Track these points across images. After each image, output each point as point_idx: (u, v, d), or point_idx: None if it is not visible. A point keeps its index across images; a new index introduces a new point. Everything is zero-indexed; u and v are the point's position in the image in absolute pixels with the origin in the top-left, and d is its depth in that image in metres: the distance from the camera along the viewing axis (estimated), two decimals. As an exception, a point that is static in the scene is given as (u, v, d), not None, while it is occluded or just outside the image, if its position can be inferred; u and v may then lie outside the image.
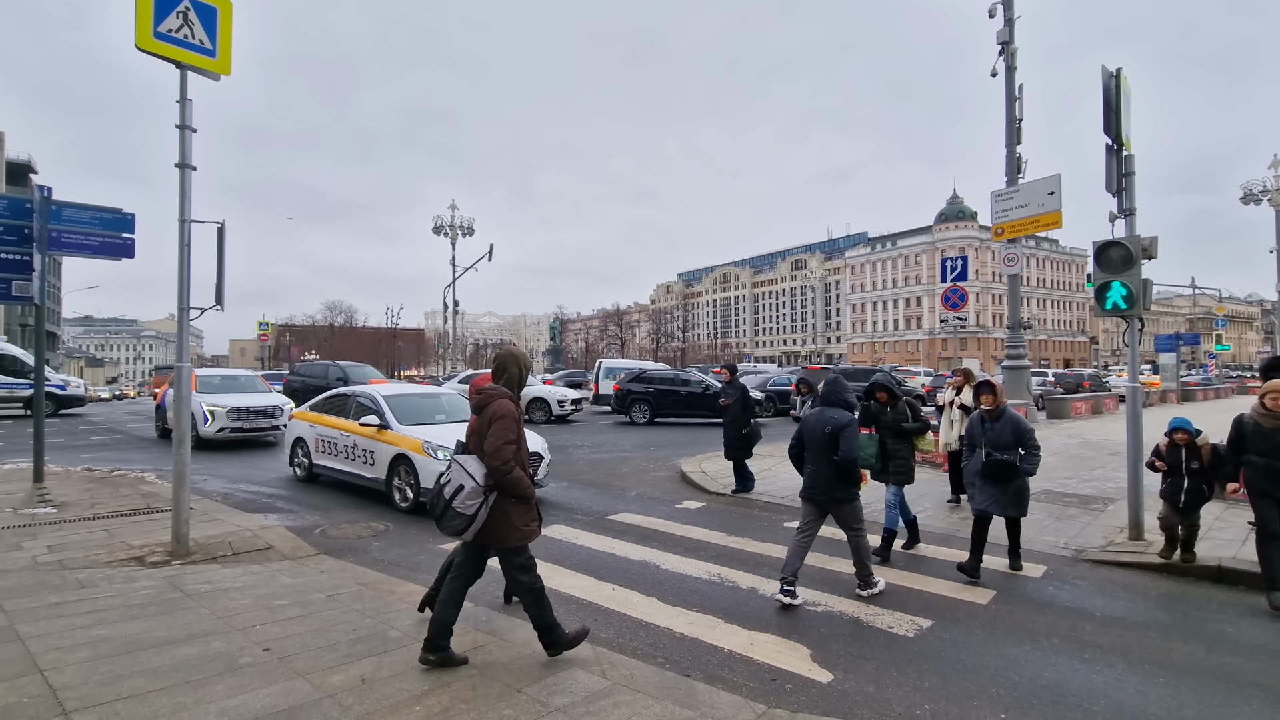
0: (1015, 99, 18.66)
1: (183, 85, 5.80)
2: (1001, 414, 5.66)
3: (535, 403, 20.06)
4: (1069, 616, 4.77)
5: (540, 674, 3.67)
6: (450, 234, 39.65)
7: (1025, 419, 5.76)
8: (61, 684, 3.33)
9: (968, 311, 16.48)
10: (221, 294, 5.89)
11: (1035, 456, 5.55)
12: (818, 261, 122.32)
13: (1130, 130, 6.80)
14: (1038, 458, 5.57)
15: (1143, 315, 6.47)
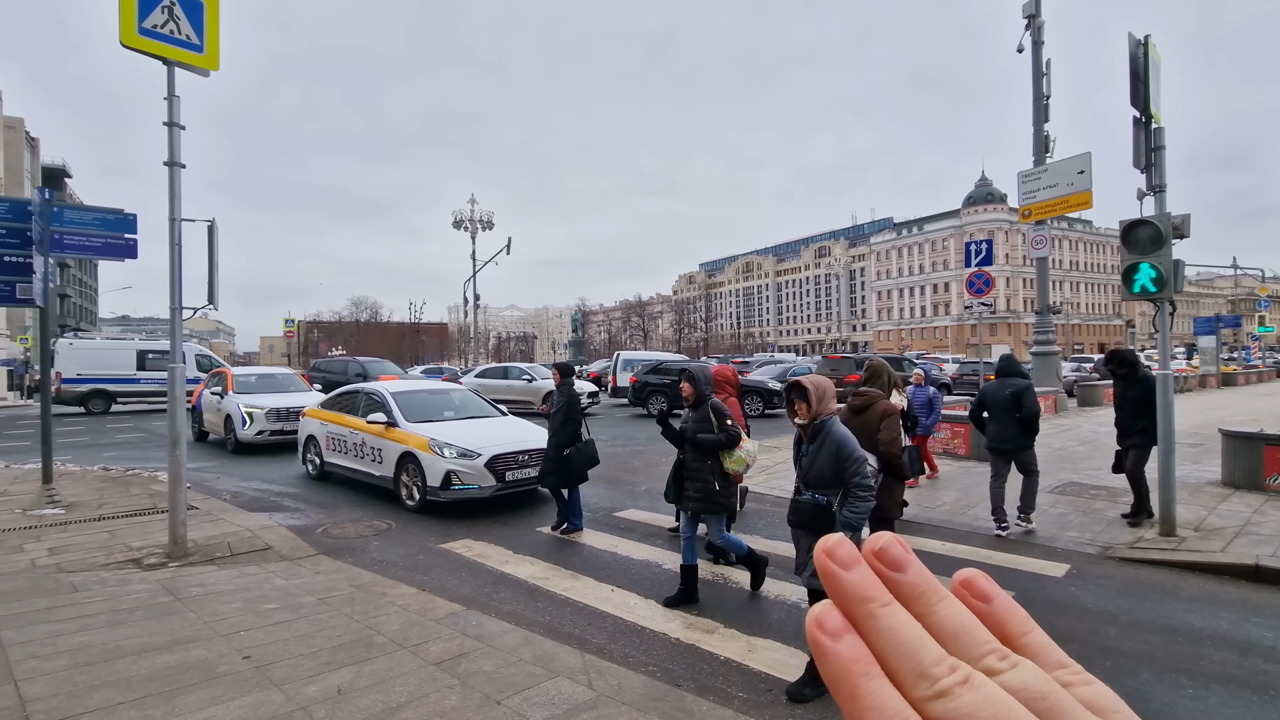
0: (1043, 74, 17.97)
1: (170, 82, 5.72)
2: (819, 431, 3.79)
3: (550, 396, 20.01)
4: (1091, 620, 4.48)
5: (524, 683, 3.52)
6: (470, 228, 39.76)
7: (851, 439, 3.72)
8: (33, 695, 3.27)
9: (995, 296, 15.94)
10: (214, 293, 5.82)
11: (863, 500, 3.61)
12: (842, 248, 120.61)
13: (1159, 102, 6.38)
14: (867, 502, 3.63)
15: (1174, 298, 6.08)
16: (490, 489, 7.52)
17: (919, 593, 0.29)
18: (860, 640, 0.27)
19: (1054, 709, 0.26)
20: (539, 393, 19.94)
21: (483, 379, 21.37)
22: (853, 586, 0.28)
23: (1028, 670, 0.27)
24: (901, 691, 0.26)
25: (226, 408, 12.70)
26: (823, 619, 0.28)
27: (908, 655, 0.27)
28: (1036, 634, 0.30)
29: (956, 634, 0.28)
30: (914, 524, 6.86)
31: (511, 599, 5.02)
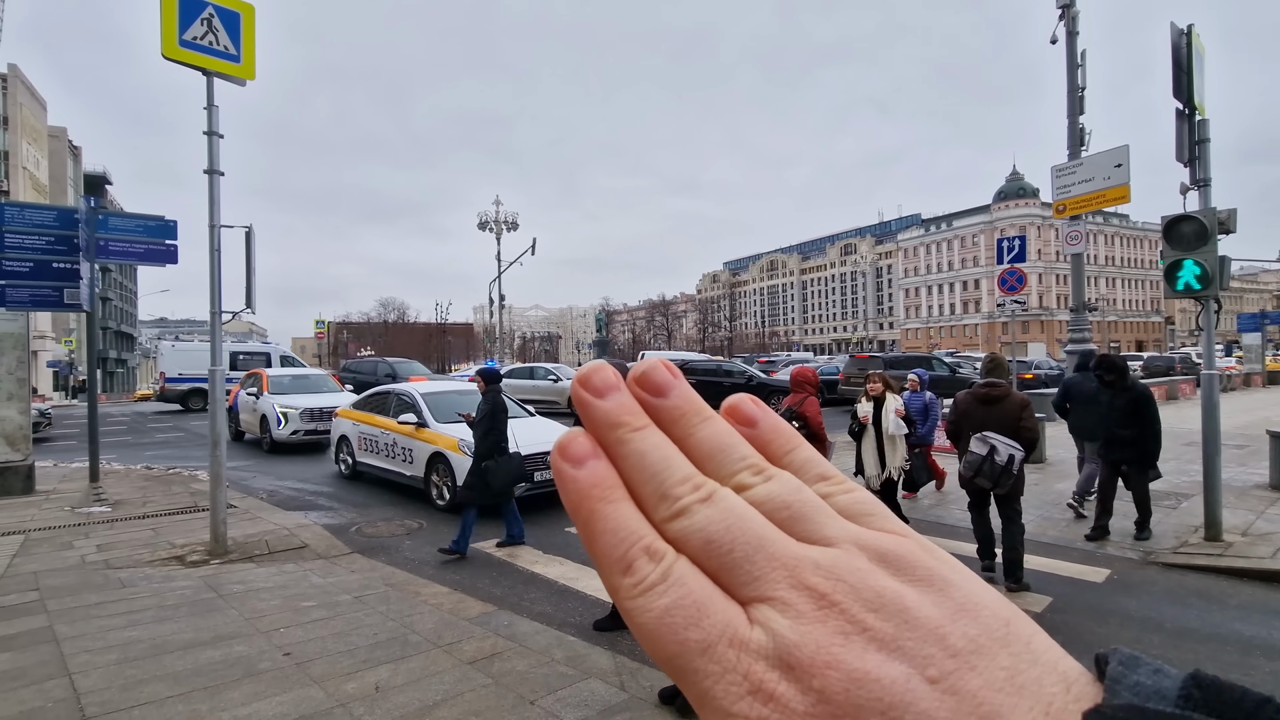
0: (1078, 66, 17.46)
1: (209, 92, 5.88)
2: None
3: None
4: (1134, 627, 4.37)
5: (557, 683, 3.55)
6: (495, 229, 40.11)
7: None
8: (86, 688, 3.39)
9: (1028, 294, 15.59)
10: (251, 296, 5.97)
11: None
12: (868, 245, 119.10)
13: (1204, 93, 6.19)
14: None
15: (1219, 295, 5.90)
16: (519, 489, 7.57)
17: (679, 415, 0.27)
18: (606, 465, 0.26)
19: (796, 515, 0.25)
20: (565, 393, 20.08)
21: (509, 379, 21.57)
22: (605, 413, 0.26)
23: (779, 482, 0.26)
24: (646, 516, 0.25)
25: (262, 408, 13.01)
26: (566, 446, 0.26)
27: (652, 477, 0.25)
28: (801, 450, 0.29)
29: (712, 453, 0.26)
30: (947, 526, 6.75)
31: (542, 599, 5.06)
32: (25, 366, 8.27)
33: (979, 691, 0.21)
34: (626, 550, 0.24)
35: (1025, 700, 0.21)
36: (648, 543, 0.24)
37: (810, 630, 0.22)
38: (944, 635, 0.22)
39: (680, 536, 0.24)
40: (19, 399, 8.27)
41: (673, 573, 0.23)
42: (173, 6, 5.57)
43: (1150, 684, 0.21)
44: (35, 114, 57.68)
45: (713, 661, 0.22)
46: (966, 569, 0.24)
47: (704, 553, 0.24)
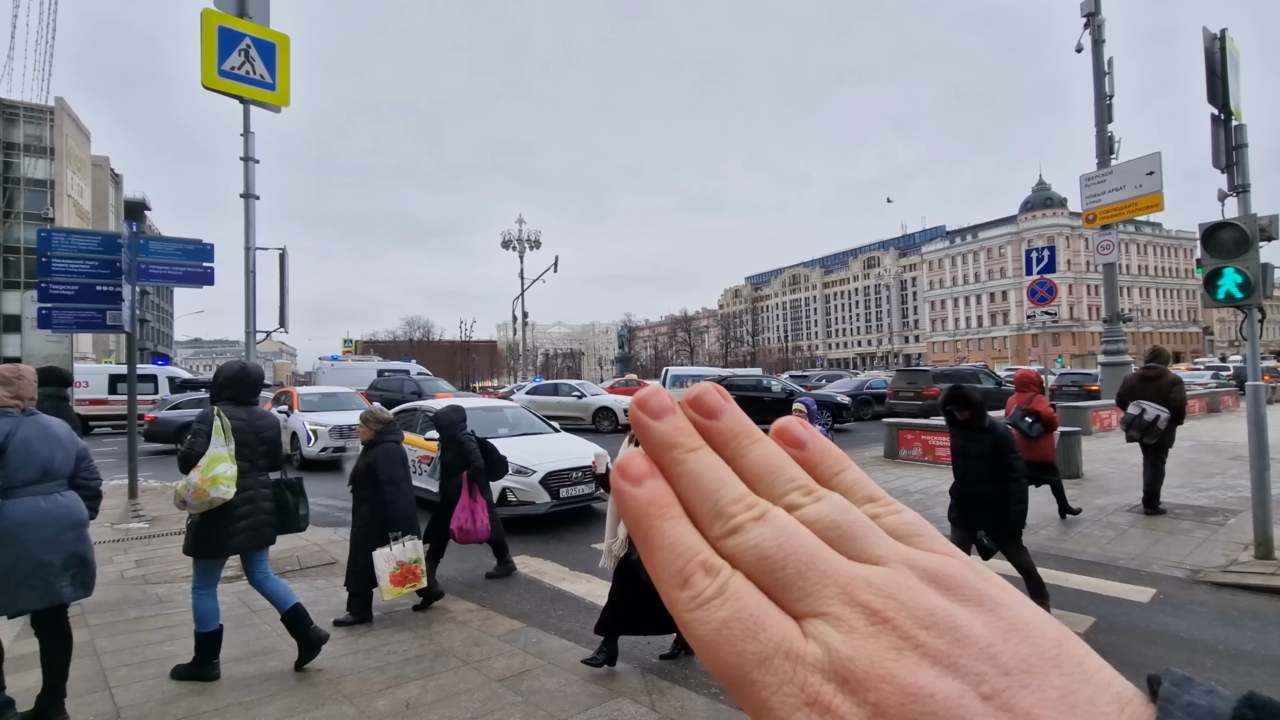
0: (1104, 74, 17.29)
1: (245, 119, 6.08)
2: None
3: (601, 412, 20.14)
4: (1184, 649, 4.20)
5: (587, 702, 3.52)
6: (518, 248, 40.62)
7: None
8: (126, 702, 3.44)
9: (1058, 305, 15.29)
10: (285, 317, 6.10)
11: None
12: (892, 258, 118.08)
13: (1239, 98, 6.06)
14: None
15: (1263, 304, 5.72)
16: (545, 505, 7.59)
17: (731, 437, 0.28)
18: (663, 484, 0.27)
19: (846, 535, 0.26)
20: (589, 409, 20.15)
21: (534, 395, 21.72)
22: (661, 434, 0.27)
23: (829, 502, 0.27)
24: (702, 533, 0.26)
25: (293, 425, 13.24)
26: (626, 465, 0.27)
27: (707, 496, 0.26)
28: (850, 471, 0.29)
29: (763, 474, 0.27)
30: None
31: (570, 616, 5.03)
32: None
33: (1032, 709, 0.21)
34: (684, 565, 0.25)
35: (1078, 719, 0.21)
36: (704, 558, 0.25)
37: (864, 645, 0.22)
38: (996, 654, 0.22)
39: (735, 553, 0.25)
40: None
41: (729, 587, 0.24)
42: (212, 38, 5.79)
43: (1204, 704, 0.21)
44: (80, 144, 60.14)
45: (770, 673, 0.23)
46: (1015, 590, 0.24)
47: (758, 569, 0.25)
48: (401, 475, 4.89)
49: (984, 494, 4.56)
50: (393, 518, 4.68)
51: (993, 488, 4.51)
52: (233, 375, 4.01)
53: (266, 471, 4.03)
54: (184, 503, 3.63)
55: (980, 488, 4.57)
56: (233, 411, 3.85)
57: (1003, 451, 4.50)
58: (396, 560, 4.50)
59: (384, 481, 4.71)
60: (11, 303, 45.55)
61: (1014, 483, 4.45)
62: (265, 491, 3.96)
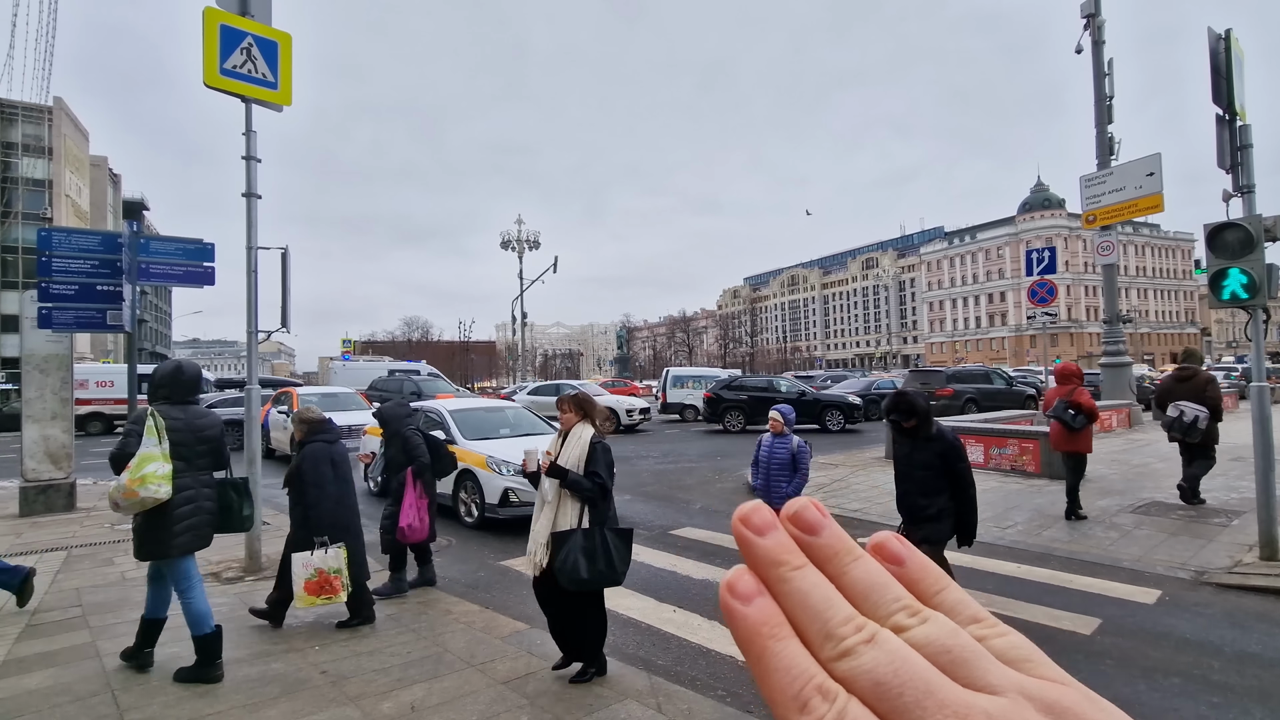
0: (1104, 75, 17.31)
1: (248, 118, 6.04)
2: None
3: None
4: (1191, 651, 4.18)
5: (593, 704, 3.50)
6: (517, 248, 40.60)
7: None
8: (129, 704, 3.42)
9: (1057, 306, 15.30)
10: (287, 317, 6.07)
11: None
12: (890, 259, 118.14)
13: (1244, 98, 6.06)
14: None
15: (1268, 305, 5.71)
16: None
17: (832, 554, 0.29)
18: (772, 603, 0.27)
19: (958, 660, 0.26)
20: None
21: (535, 396, 21.67)
22: (766, 551, 0.28)
23: (936, 624, 0.27)
24: (812, 653, 0.26)
25: (292, 426, 13.20)
26: (734, 583, 0.28)
27: (816, 616, 0.27)
28: (951, 590, 0.29)
29: (867, 593, 0.28)
30: (988, 545, 6.57)
31: (574, 618, 5.00)
32: (69, 387, 8.50)
33: None
34: (801, 689, 0.25)
35: None
36: (819, 682, 0.25)
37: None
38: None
39: (849, 677, 0.25)
40: (63, 418, 8.50)
41: (847, 714, 0.24)
42: (214, 37, 5.76)
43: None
44: (78, 144, 59.99)
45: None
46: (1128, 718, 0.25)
47: (874, 694, 0.25)
48: (329, 477, 4.60)
49: (928, 506, 4.26)
50: (316, 521, 4.43)
51: (938, 499, 4.24)
52: (168, 375, 3.96)
53: (209, 471, 3.98)
54: (116, 504, 3.58)
55: (925, 499, 4.27)
56: (168, 411, 3.81)
57: (951, 460, 4.23)
58: (315, 567, 4.25)
59: (309, 484, 4.53)
60: (10, 303, 45.41)
61: (964, 491, 4.24)
62: (207, 491, 3.92)
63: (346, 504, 4.71)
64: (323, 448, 4.72)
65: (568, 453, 3.74)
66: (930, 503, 4.24)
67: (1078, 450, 7.30)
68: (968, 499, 4.24)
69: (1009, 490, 8.94)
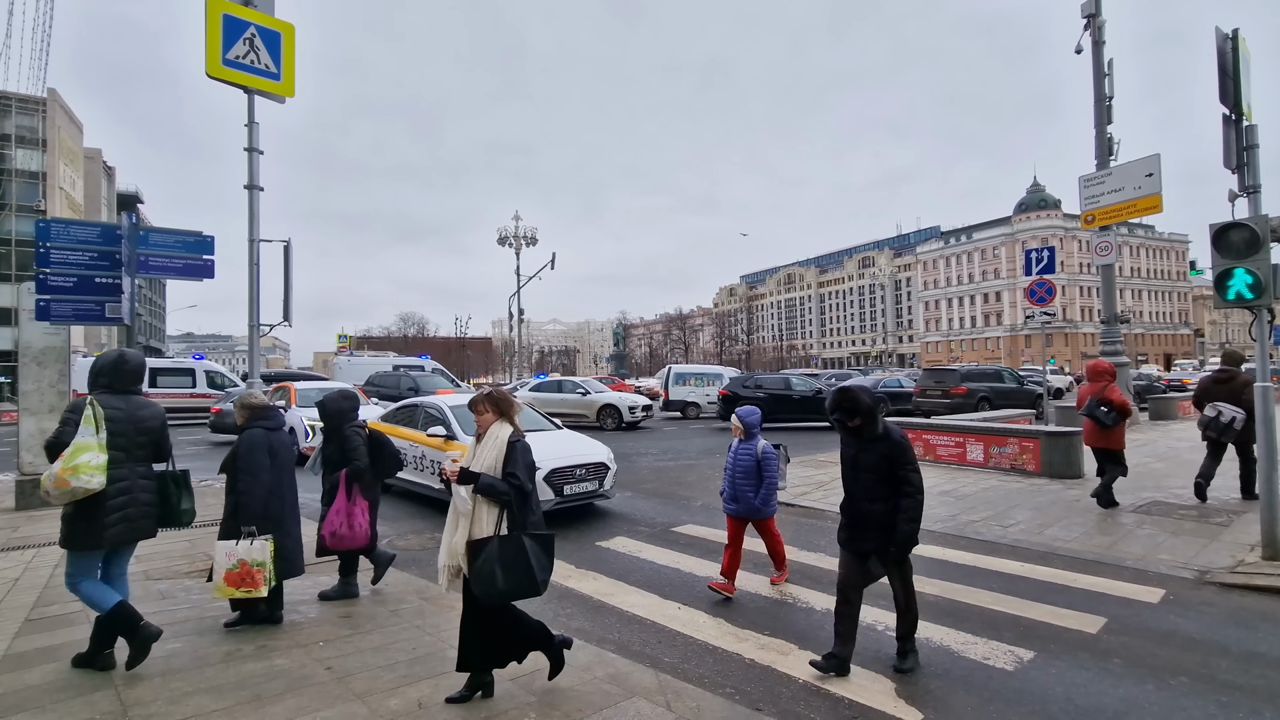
0: (1105, 75, 17.32)
1: (250, 109, 5.99)
2: None
3: (606, 409, 20.04)
4: (1198, 650, 4.19)
5: (601, 702, 3.47)
6: (514, 244, 40.47)
7: None
8: (133, 700, 3.38)
9: (1054, 306, 15.34)
10: (289, 310, 6.02)
11: None
12: (886, 258, 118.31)
13: (1251, 98, 6.05)
14: None
15: (1273, 306, 5.72)
16: (549, 503, 7.53)
17: None
18: None
19: None
20: (594, 406, 20.11)
21: (537, 393, 21.60)
22: None
23: None
24: None
25: (290, 421, 13.06)
26: None
27: None
28: None
29: None
30: (990, 543, 6.58)
31: (578, 614, 4.98)
32: (66, 379, 8.42)
33: None
34: None
35: None
36: None
37: None
38: None
39: None
40: (60, 411, 8.42)
41: None
42: (217, 27, 5.70)
43: None
44: (72, 136, 59.54)
45: None
46: None
47: None
48: (264, 466, 4.35)
49: (874, 512, 3.90)
50: (245, 511, 4.22)
51: (884, 505, 3.88)
52: (110, 364, 3.87)
53: (148, 463, 3.90)
54: (47, 493, 3.50)
55: (871, 505, 3.92)
56: (108, 400, 3.72)
57: (896, 463, 3.86)
58: (238, 558, 4.03)
59: (242, 471, 4.32)
60: (4, 295, 45.08)
61: (908, 498, 3.82)
62: (144, 483, 3.84)
63: (281, 496, 4.47)
64: (261, 435, 4.46)
65: (483, 455, 3.43)
66: (878, 510, 3.90)
67: (1110, 446, 7.59)
68: (910, 505, 3.82)
69: (1010, 489, 8.95)
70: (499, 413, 3.58)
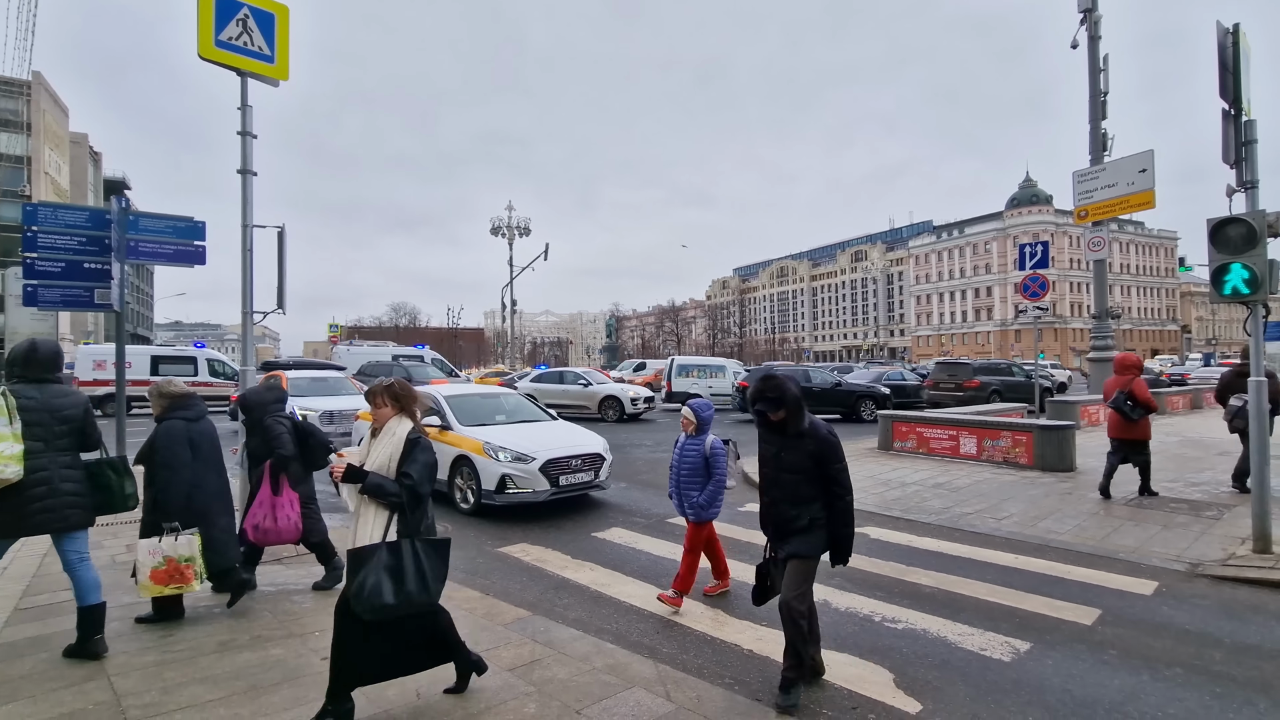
0: (1099, 70, 17.35)
1: (243, 92, 5.88)
2: None
3: (607, 401, 19.72)
4: (1191, 642, 4.22)
5: (600, 692, 3.46)
6: (507, 234, 40.28)
7: None
8: (125, 690, 3.33)
9: (1046, 300, 15.40)
10: (283, 297, 5.94)
11: None
12: (879, 252, 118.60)
13: (1250, 93, 6.06)
14: None
15: (1268, 300, 5.75)
16: (545, 493, 7.51)
17: None
18: None
19: None
20: (595, 397, 19.84)
21: (539, 383, 21.40)
22: None
23: None
24: None
25: (284, 410, 13.03)
26: None
27: None
28: None
29: None
30: (984, 536, 6.61)
31: (576, 605, 4.97)
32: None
33: None
34: None
35: None
36: None
37: None
38: None
39: None
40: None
41: None
42: (209, 7, 5.59)
43: None
44: (57, 120, 58.57)
45: None
46: None
47: None
48: (183, 460, 4.19)
49: (798, 516, 3.47)
50: (165, 506, 4.07)
51: (810, 508, 3.46)
52: (21, 354, 3.79)
53: (72, 452, 3.82)
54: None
55: (795, 509, 3.47)
56: (22, 390, 3.66)
57: (824, 461, 3.43)
58: (163, 555, 3.92)
59: (159, 465, 4.16)
60: (-14, 281, 44.42)
61: (840, 499, 3.44)
62: (67, 473, 3.75)
63: (205, 489, 4.33)
64: (180, 426, 4.27)
65: (377, 453, 3.12)
66: (801, 512, 3.47)
67: (1137, 437, 7.71)
68: (842, 509, 3.45)
69: (1002, 482, 9.01)
70: (399, 407, 3.26)
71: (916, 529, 6.93)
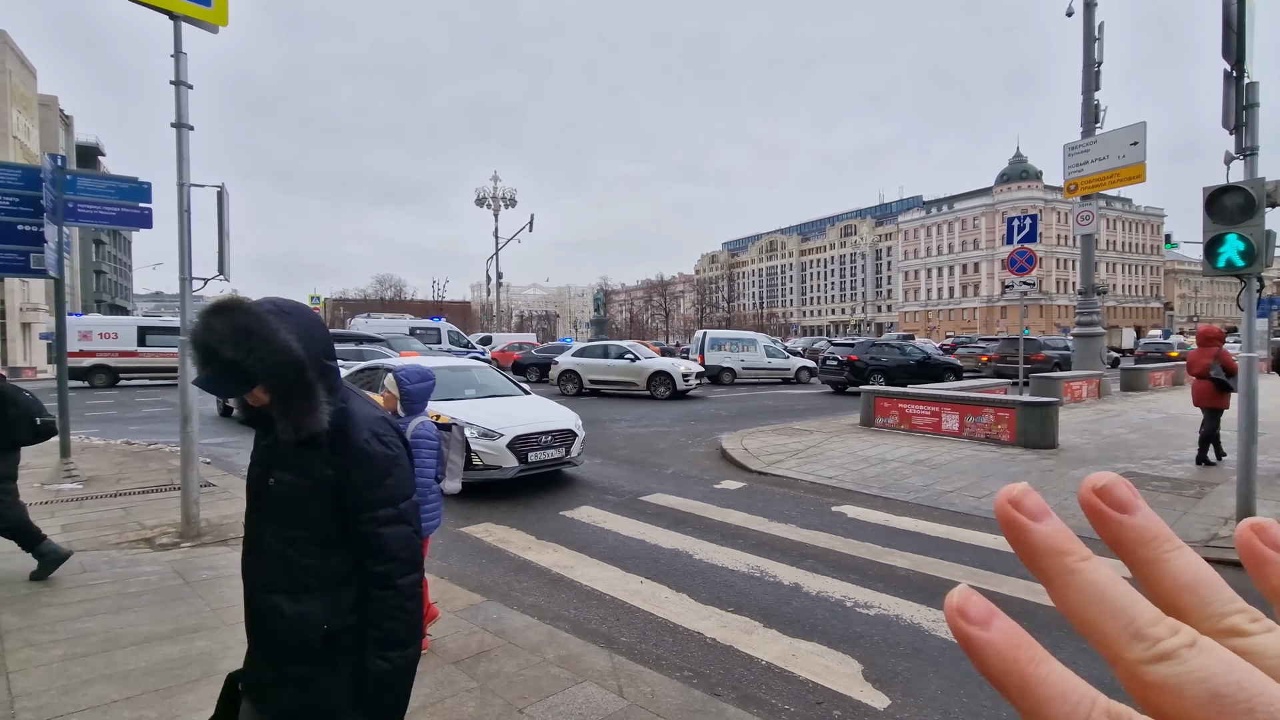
0: (1094, 39, 16.98)
1: (176, 38, 5.41)
2: None
3: (657, 376, 17.87)
4: (1173, 628, 4.04)
5: (548, 688, 3.22)
6: (493, 205, 39.50)
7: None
8: (23, 689, 3.04)
9: (1033, 276, 15.18)
10: (224, 263, 5.55)
11: None
12: (868, 227, 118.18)
13: (1254, 54, 5.75)
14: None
15: (1262, 274, 5.52)
16: (513, 470, 7.24)
17: (1149, 538, 0.25)
18: (1014, 624, 0.23)
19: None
20: (644, 373, 17.98)
21: (581, 358, 19.39)
22: (1047, 539, 0.25)
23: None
24: (1110, 657, 0.22)
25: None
26: (964, 606, 0.24)
27: (1118, 613, 0.23)
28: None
29: (1195, 587, 0.24)
30: (963, 515, 6.44)
31: (534, 589, 4.73)
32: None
33: None
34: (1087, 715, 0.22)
35: None
36: (1105, 704, 0.22)
37: None
38: None
39: (1172, 684, 0.21)
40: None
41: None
42: (134, -59, 5.09)
43: None
44: (25, 81, 56.31)
45: None
46: None
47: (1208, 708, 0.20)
48: None
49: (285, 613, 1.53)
50: None
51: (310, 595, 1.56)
52: None
53: None
54: None
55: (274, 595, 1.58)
56: None
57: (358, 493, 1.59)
58: None
59: None
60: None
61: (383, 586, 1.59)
62: None
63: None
64: None
65: None
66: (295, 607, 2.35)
67: (1219, 406, 7.90)
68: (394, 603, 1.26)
69: (984, 459, 8.85)
70: None
71: (895, 507, 6.74)
